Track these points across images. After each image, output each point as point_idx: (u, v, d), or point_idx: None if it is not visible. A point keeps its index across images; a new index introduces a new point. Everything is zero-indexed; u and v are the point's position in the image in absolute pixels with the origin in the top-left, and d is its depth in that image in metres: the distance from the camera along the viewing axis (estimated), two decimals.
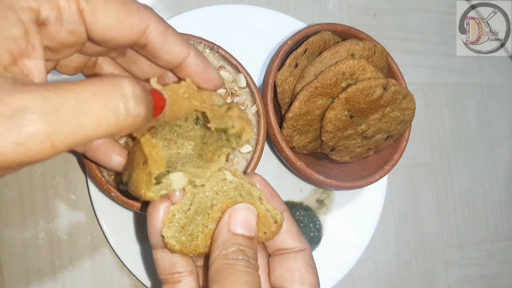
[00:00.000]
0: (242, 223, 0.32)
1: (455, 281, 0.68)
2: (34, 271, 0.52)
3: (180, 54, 0.32)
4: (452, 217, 0.69)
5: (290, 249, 0.35)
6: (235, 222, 0.32)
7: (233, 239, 0.31)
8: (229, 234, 0.31)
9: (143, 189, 0.30)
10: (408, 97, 0.52)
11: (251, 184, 0.33)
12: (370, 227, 0.60)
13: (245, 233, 0.31)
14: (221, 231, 0.32)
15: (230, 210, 0.32)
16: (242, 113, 0.33)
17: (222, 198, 0.32)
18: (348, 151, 0.56)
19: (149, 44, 0.31)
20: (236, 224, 0.32)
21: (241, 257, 0.30)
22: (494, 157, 0.72)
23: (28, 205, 0.53)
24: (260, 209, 0.33)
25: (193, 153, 0.35)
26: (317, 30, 0.53)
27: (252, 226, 0.32)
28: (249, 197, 0.33)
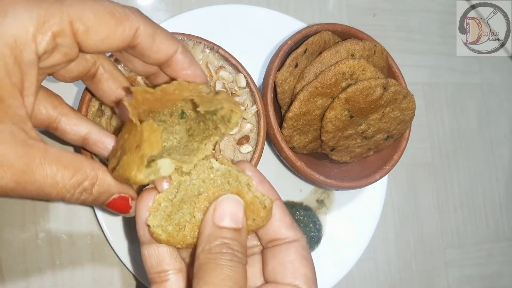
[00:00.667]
0: (227, 215, 0.31)
1: (455, 281, 0.68)
2: (34, 271, 0.52)
3: (168, 52, 0.33)
4: (452, 217, 0.69)
5: (283, 239, 0.33)
6: (220, 214, 0.31)
7: (218, 233, 0.30)
8: (213, 228, 0.31)
9: (134, 171, 0.30)
10: (408, 97, 0.52)
11: (238, 170, 0.33)
12: (370, 227, 0.60)
13: (231, 225, 0.31)
14: (206, 225, 0.31)
15: (215, 202, 0.31)
16: (230, 97, 0.33)
17: (209, 186, 0.32)
18: (348, 151, 0.56)
19: (139, 46, 0.32)
20: (221, 217, 0.31)
21: (225, 251, 0.30)
22: (494, 157, 0.72)
23: (28, 205, 0.53)
24: (248, 196, 0.32)
25: (179, 145, 0.35)
26: (317, 30, 0.53)
27: (238, 218, 0.31)
28: (237, 183, 0.32)
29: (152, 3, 0.60)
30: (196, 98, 0.32)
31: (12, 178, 0.27)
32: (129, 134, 0.32)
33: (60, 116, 0.35)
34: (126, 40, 0.31)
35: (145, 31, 0.32)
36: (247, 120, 0.51)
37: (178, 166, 0.32)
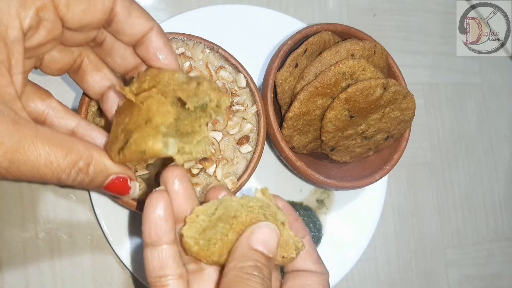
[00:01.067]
0: (263, 241, 0.31)
1: (455, 281, 0.68)
2: (34, 271, 0.52)
3: (143, 27, 0.34)
4: (452, 217, 0.69)
5: (310, 272, 0.35)
6: (257, 238, 0.31)
7: (252, 254, 0.31)
8: (248, 249, 0.31)
9: (150, 141, 0.30)
10: (408, 97, 0.52)
11: (277, 207, 0.33)
12: (370, 227, 0.60)
13: (264, 251, 0.31)
14: (241, 244, 0.32)
15: (254, 226, 0.32)
16: (212, 84, 0.33)
17: (246, 212, 0.32)
18: (348, 151, 0.56)
19: (115, 19, 0.32)
20: (257, 241, 0.31)
21: (257, 273, 0.30)
22: (494, 157, 0.72)
23: (28, 205, 0.53)
24: (283, 234, 0.33)
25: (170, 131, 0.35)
26: (317, 30, 0.53)
27: (272, 246, 0.32)
28: (273, 219, 0.33)
29: (152, 3, 0.60)
30: (180, 93, 0.32)
31: (5, 157, 0.27)
32: (131, 116, 0.32)
33: (47, 110, 0.35)
34: (105, 11, 0.31)
35: (122, 3, 0.32)
36: (247, 120, 0.51)
37: (181, 147, 0.32)
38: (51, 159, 0.28)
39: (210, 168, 0.48)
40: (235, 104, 0.51)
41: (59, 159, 0.29)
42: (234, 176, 0.49)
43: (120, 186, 0.33)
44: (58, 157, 0.29)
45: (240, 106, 0.51)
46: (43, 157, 0.28)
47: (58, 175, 0.29)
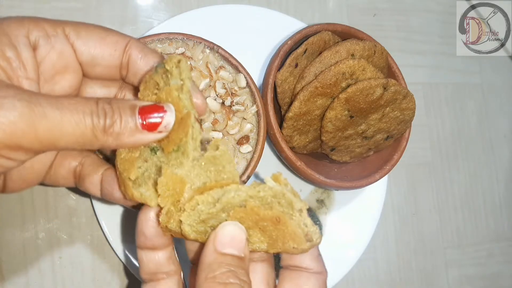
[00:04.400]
0: (229, 242, 0.29)
1: (455, 281, 0.68)
2: (34, 271, 0.52)
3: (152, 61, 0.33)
4: (452, 217, 0.69)
5: (306, 269, 0.33)
6: (222, 241, 0.29)
7: (222, 259, 0.29)
8: (216, 255, 0.29)
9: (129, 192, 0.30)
10: (408, 97, 0.52)
11: (294, 193, 0.30)
12: (370, 227, 0.60)
13: (234, 252, 0.29)
14: (207, 251, 0.29)
15: (216, 229, 0.30)
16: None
17: (256, 202, 0.29)
18: (348, 151, 0.56)
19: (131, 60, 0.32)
20: (223, 243, 0.29)
21: (232, 280, 0.28)
22: (494, 157, 0.72)
23: (28, 205, 0.53)
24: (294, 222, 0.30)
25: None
26: (317, 30, 0.53)
27: (241, 245, 0.29)
28: (290, 208, 0.30)
29: (152, 3, 0.60)
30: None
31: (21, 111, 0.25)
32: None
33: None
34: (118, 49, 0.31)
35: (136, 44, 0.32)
36: (247, 120, 0.51)
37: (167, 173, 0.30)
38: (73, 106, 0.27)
39: None
40: (235, 104, 0.51)
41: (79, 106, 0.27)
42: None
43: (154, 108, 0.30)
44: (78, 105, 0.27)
45: (240, 106, 0.51)
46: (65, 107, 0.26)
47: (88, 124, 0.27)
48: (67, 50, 0.30)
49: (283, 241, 0.30)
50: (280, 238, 0.30)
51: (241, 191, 0.29)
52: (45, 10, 0.56)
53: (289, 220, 0.29)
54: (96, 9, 0.57)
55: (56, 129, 0.26)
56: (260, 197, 0.29)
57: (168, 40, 0.49)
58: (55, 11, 0.56)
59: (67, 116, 0.26)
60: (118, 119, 0.28)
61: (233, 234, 0.29)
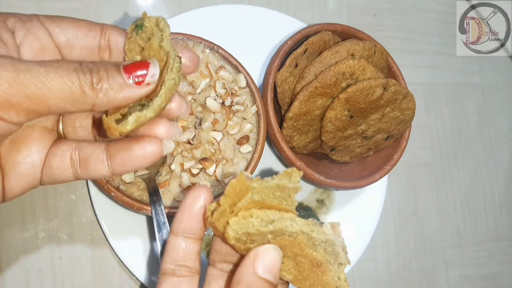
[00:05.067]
0: (269, 267, 0.30)
1: (455, 281, 0.68)
2: (34, 271, 0.52)
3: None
4: (452, 217, 0.69)
5: None
6: (263, 264, 0.30)
7: (258, 284, 0.29)
8: (255, 277, 0.29)
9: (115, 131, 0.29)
10: (408, 97, 0.52)
11: (343, 248, 0.30)
12: (370, 227, 0.60)
13: (271, 279, 0.30)
14: (247, 271, 0.30)
15: (258, 249, 0.30)
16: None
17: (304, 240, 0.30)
18: (348, 151, 0.56)
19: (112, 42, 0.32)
20: (264, 267, 0.29)
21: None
22: (494, 157, 0.72)
23: (28, 205, 0.53)
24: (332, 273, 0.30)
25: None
26: (317, 30, 0.53)
27: (277, 271, 0.30)
28: (333, 258, 0.30)
29: (152, 3, 0.60)
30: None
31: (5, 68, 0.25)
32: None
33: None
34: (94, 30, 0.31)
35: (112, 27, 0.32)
36: (247, 120, 0.51)
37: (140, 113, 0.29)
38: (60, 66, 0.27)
39: (210, 168, 0.48)
40: (235, 104, 0.51)
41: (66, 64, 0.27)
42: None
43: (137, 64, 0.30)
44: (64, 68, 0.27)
45: (240, 106, 0.51)
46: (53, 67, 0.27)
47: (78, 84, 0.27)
48: (42, 33, 0.30)
49: (312, 284, 0.31)
50: (310, 280, 0.31)
51: (296, 223, 0.29)
52: (45, 10, 0.56)
53: (329, 270, 0.30)
54: (96, 9, 0.57)
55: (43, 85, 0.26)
56: (311, 237, 0.30)
57: None
58: (55, 11, 0.56)
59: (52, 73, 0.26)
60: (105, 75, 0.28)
61: (273, 258, 0.30)
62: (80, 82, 0.27)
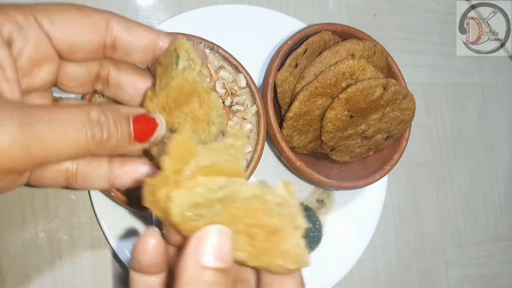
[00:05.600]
0: (214, 252, 0.25)
1: (455, 281, 0.68)
2: (34, 271, 0.52)
3: (150, 36, 0.31)
4: (452, 217, 0.69)
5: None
6: (206, 250, 0.25)
7: (203, 275, 0.25)
8: (197, 268, 0.25)
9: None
10: (408, 97, 0.52)
11: (299, 210, 0.27)
12: (370, 227, 0.60)
13: (217, 265, 0.25)
14: (187, 262, 0.25)
15: (199, 234, 0.26)
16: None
17: (257, 205, 0.27)
18: (348, 151, 0.56)
19: (117, 40, 0.30)
20: (207, 253, 0.25)
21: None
22: (494, 157, 0.72)
23: (28, 205, 0.53)
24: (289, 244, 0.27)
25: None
26: (317, 30, 0.53)
27: (226, 256, 0.26)
28: (289, 223, 0.27)
29: (152, 3, 0.60)
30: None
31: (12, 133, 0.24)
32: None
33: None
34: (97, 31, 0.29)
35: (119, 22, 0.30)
36: (247, 120, 0.51)
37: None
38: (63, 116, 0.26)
39: None
40: (235, 104, 0.51)
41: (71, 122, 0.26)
42: None
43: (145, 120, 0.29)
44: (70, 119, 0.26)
45: (240, 106, 0.51)
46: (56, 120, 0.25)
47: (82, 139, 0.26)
48: (43, 41, 0.28)
49: (270, 256, 0.27)
50: (268, 252, 0.27)
51: (248, 187, 0.27)
52: None
53: (287, 235, 0.27)
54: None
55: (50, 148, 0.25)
56: (265, 200, 0.27)
57: None
58: None
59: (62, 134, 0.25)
60: (116, 132, 0.27)
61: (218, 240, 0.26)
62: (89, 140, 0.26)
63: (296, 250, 0.27)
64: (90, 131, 0.26)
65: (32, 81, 0.30)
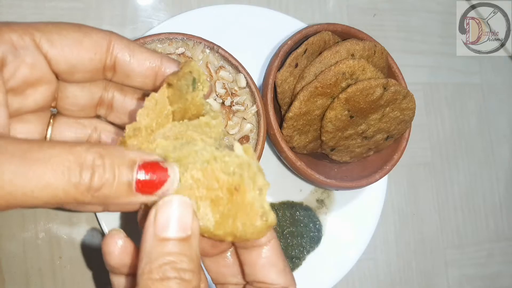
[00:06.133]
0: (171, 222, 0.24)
1: (455, 281, 0.68)
2: (34, 271, 0.52)
3: (152, 61, 0.30)
4: (452, 217, 0.69)
5: (271, 284, 0.29)
6: (163, 221, 0.24)
7: (160, 247, 0.24)
8: (155, 241, 0.24)
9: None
10: (408, 97, 0.52)
11: (259, 169, 0.27)
12: (370, 227, 0.60)
13: (177, 234, 0.24)
14: (146, 237, 0.24)
15: (156, 206, 0.25)
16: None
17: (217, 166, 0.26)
18: (348, 151, 0.56)
19: (118, 61, 0.29)
20: (164, 224, 0.24)
21: (170, 274, 0.23)
22: (494, 157, 0.72)
23: None
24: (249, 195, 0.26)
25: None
26: (317, 30, 0.53)
27: (187, 223, 0.25)
28: (251, 182, 0.26)
29: (152, 3, 0.60)
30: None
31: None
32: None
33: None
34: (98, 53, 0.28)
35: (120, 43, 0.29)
36: (247, 120, 0.51)
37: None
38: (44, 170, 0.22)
39: None
40: (235, 104, 0.51)
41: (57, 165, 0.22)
42: None
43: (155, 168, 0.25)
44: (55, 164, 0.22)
45: (240, 106, 0.51)
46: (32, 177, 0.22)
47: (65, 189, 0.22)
48: (39, 62, 0.27)
49: (235, 217, 0.26)
50: (232, 213, 0.26)
51: (206, 150, 0.26)
52: (45, 9, 0.56)
53: (248, 191, 0.26)
54: (96, 9, 0.57)
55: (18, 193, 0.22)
56: (224, 161, 0.26)
57: (168, 40, 0.49)
58: (55, 10, 0.56)
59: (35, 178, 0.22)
60: (111, 179, 0.23)
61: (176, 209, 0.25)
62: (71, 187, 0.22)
63: (260, 209, 0.26)
64: (75, 177, 0.22)
65: (25, 102, 0.28)
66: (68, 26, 0.28)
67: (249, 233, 0.26)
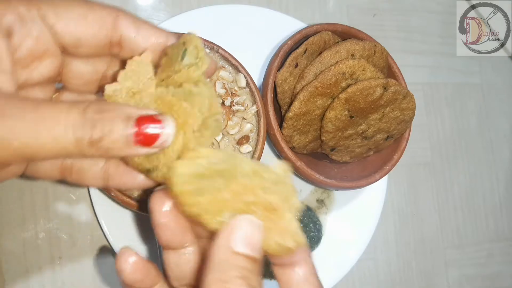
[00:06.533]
0: (246, 239, 0.25)
1: (455, 281, 0.68)
2: (34, 271, 0.52)
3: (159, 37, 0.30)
4: (452, 217, 0.69)
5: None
6: (239, 236, 0.25)
7: (235, 260, 0.25)
8: (229, 253, 0.25)
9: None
10: (408, 97, 0.52)
11: (293, 189, 0.27)
12: (370, 227, 0.60)
13: (249, 253, 0.25)
14: (219, 247, 0.25)
15: (232, 222, 0.26)
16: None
17: (256, 181, 0.26)
18: (348, 151, 0.56)
19: (124, 37, 0.29)
20: (239, 240, 0.25)
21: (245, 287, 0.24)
22: (494, 157, 0.72)
23: (28, 205, 0.53)
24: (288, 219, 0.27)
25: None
26: (317, 30, 0.53)
27: (257, 244, 0.26)
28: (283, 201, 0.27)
29: (152, 3, 0.60)
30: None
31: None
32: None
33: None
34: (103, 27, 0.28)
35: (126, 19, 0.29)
36: (247, 120, 0.51)
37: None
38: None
39: None
40: (235, 104, 0.51)
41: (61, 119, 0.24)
42: None
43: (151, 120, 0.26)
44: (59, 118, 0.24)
45: (240, 106, 0.51)
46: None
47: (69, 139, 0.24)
48: (44, 35, 0.27)
49: (268, 234, 0.27)
50: (266, 230, 0.27)
51: (247, 163, 0.26)
52: None
53: (284, 213, 0.26)
54: None
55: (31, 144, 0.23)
56: (262, 177, 0.26)
57: None
58: None
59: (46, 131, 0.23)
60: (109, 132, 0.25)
61: (250, 229, 0.26)
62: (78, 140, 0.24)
63: (291, 228, 0.27)
64: (80, 130, 0.24)
65: (31, 75, 0.29)
66: (76, 1, 0.28)
67: (280, 250, 0.27)
